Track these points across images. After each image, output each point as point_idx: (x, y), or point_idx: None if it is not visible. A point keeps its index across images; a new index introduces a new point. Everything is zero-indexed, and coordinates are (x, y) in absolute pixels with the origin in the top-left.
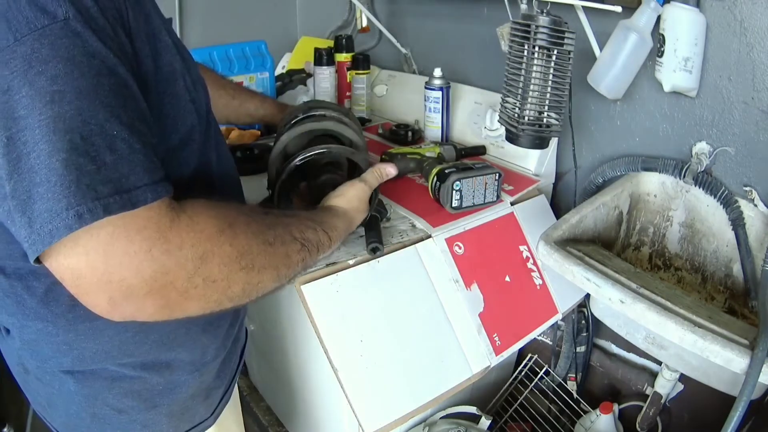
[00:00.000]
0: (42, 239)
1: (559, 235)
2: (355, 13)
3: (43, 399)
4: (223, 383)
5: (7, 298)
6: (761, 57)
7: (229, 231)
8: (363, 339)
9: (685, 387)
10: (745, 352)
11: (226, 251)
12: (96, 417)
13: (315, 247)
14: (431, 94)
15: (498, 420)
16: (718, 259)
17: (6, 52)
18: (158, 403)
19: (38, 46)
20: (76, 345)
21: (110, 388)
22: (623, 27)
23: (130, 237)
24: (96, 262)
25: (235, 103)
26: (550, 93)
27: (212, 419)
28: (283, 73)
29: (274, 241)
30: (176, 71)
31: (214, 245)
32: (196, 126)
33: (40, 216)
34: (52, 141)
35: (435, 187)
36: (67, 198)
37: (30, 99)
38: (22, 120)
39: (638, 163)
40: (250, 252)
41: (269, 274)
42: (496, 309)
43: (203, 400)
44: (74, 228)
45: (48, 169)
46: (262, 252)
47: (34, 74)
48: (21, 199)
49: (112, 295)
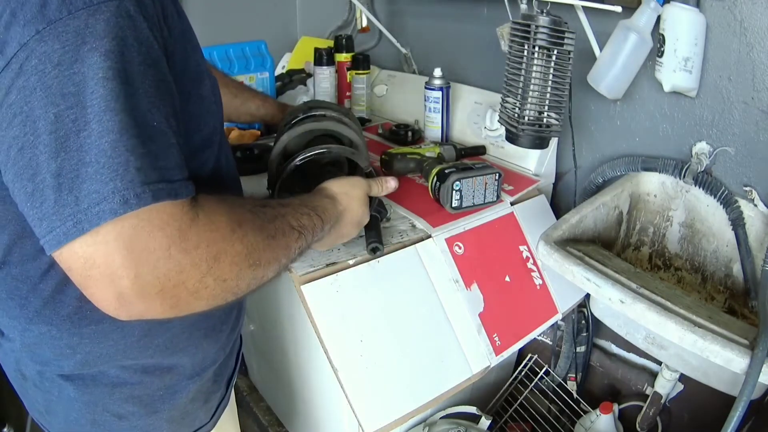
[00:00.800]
0: (89, 219)
1: (559, 235)
2: (355, 13)
3: (42, 406)
4: (221, 387)
5: (11, 300)
6: (761, 57)
7: (240, 230)
8: (363, 339)
9: (685, 387)
10: (745, 352)
11: (238, 250)
12: (96, 423)
13: (311, 232)
14: (431, 94)
15: (498, 420)
16: (718, 259)
17: (58, 24)
18: (159, 409)
19: (93, 22)
20: (79, 348)
21: (111, 393)
22: (623, 27)
23: (153, 233)
24: (114, 254)
25: (237, 102)
26: (550, 93)
27: (211, 424)
28: (283, 73)
29: (275, 234)
30: (203, 72)
31: (227, 244)
32: (218, 128)
33: (88, 196)
34: (102, 121)
35: (435, 187)
36: (113, 181)
37: (82, 76)
38: (72, 97)
39: (638, 163)
40: (257, 249)
41: (273, 267)
42: (496, 309)
43: (203, 405)
44: (119, 213)
45: (98, 150)
46: (267, 247)
47: (87, 50)
48: (68, 178)
49: (122, 290)
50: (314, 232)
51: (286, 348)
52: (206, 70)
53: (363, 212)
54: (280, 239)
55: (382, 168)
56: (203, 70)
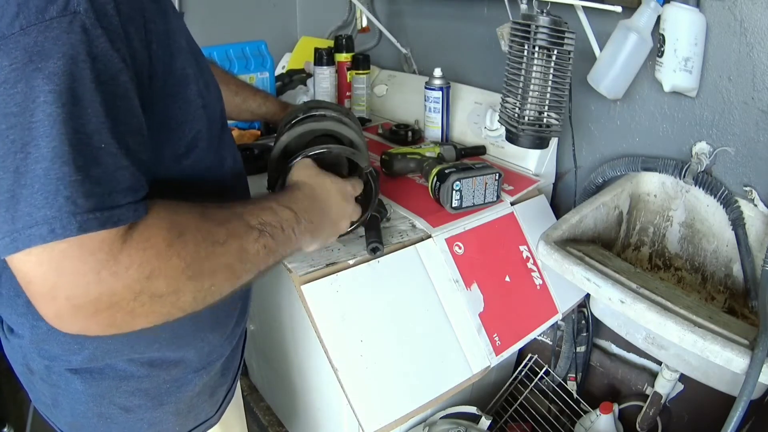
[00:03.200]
0: (23, 239)
1: (559, 235)
2: (355, 13)
3: (48, 399)
4: (227, 381)
5: (18, 297)
6: (761, 57)
7: (179, 242)
8: (363, 339)
9: (685, 387)
10: (745, 352)
11: (174, 264)
12: (102, 416)
13: (278, 227)
14: (431, 94)
15: (498, 420)
16: (718, 259)
17: (9, 40)
18: (165, 401)
19: (42, 39)
20: (87, 344)
21: (118, 387)
22: (623, 27)
23: (83, 257)
24: (47, 275)
25: (238, 100)
26: (550, 93)
27: (217, 417)
28: (283, 73)
29: (226, 239)
30: (189, 76)
31: (161, 261)
32: (204, 131)
33: (22, 218)
34: (39, 146)
35: (435, 187)
36: (44, 209)
37: (23, 96)
38: (13, 117)
39: (638, 163)
40: (198, 258)
41: (222, 274)
42: (496, 309)
43: (209, 398)
44: (47, 240)
45: (32, 174)
46: (211, 254)
47: (32, 70)
48: (5, 196)
49: (58, 309)
50: (284, 226)
51: (286, 348)
52: (195, 73)
53: (340, 193)
54: (232, 243)
55: (382, 168)
56: (189, 74)
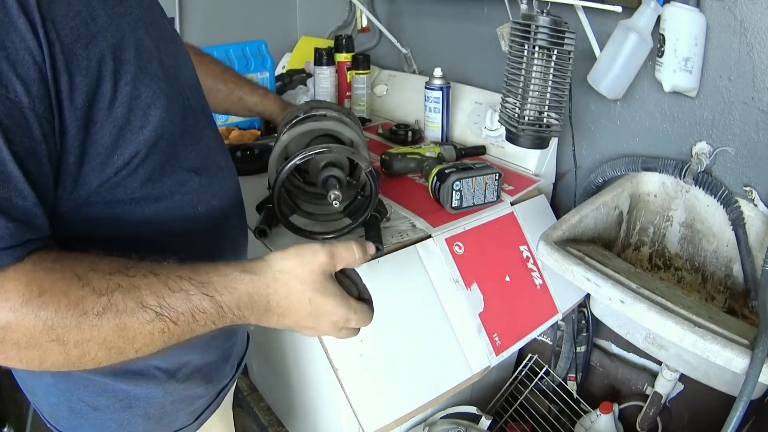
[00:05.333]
0: None
1: (559, 235)
2: (355, 13)
3: (29, 387)
4: (209, 393)
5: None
6: (761, 57)
7: (37, 301)
8: (363, 339)
9: (685, 387)
10: (745, 352)
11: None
12: (73, 411)
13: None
14: (431, 94)
15: (498, 420)
16: (718, 259)
17: None
18: (134, 405)
19: None
20: None
21: (85, 386)
22: (623, 27)
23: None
24: None
25: (234, 98)
26: (550, 93)
27: (193, 427)
28: (283, 73)
29: (103, 311)
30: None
31: (16, 316)
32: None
33: None
34: None
35: (435, 187)
36: None
37: None
38: None
39: (638, 163)
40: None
41: (98, 348)
42: (497, 309)
43: (185, 407)
44: None
45: None
46: (80, 324)
47: None
48: None
49: None
50: (195, 318)
51: (286, 348)
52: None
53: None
54: (109, 319)
55: (382, 168)
56: (119, 88)
